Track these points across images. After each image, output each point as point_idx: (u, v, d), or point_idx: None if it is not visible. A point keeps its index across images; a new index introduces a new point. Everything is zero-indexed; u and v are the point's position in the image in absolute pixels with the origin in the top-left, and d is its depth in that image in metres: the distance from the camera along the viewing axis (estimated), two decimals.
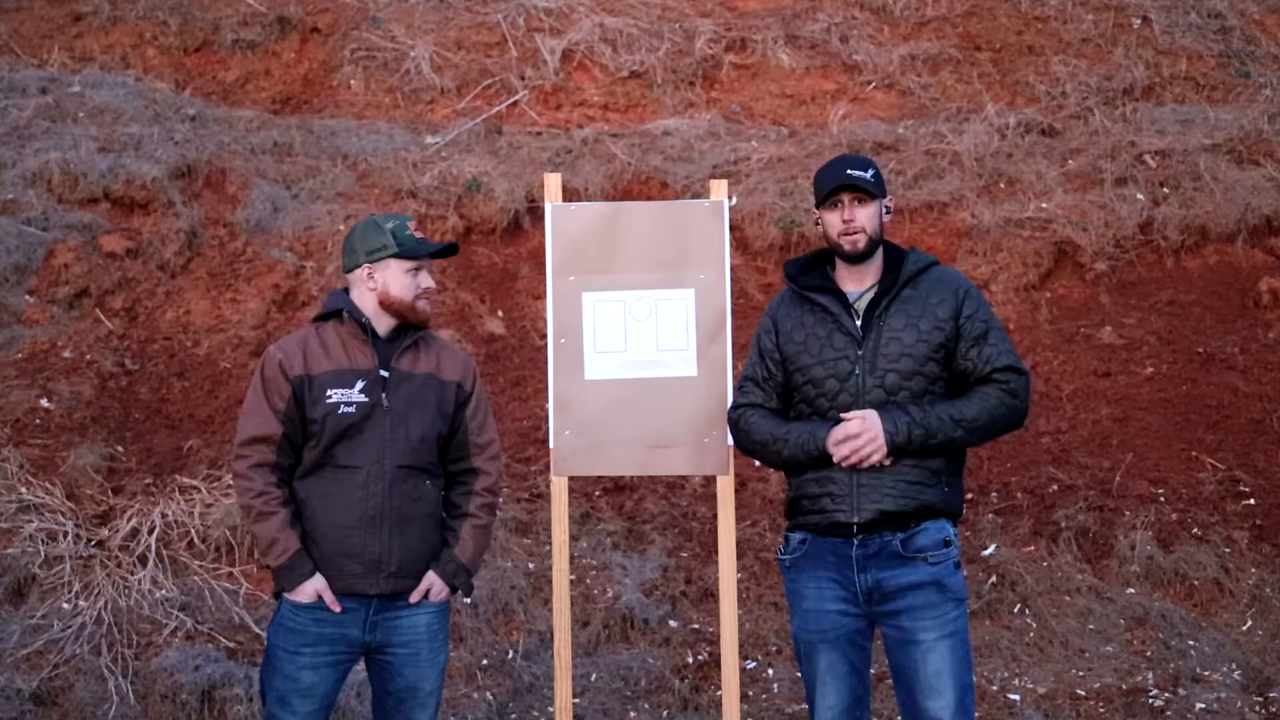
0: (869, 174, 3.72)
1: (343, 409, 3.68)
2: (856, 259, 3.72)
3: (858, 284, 3.76)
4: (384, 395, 3.73)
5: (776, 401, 3.81)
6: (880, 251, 3.78)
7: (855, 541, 3.62)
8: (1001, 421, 3.65)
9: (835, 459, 3.59)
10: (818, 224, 3.81)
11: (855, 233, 3.69)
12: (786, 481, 3.84)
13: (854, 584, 3.62)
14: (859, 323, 3.69)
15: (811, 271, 3.84)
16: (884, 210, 3.78)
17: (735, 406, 3.89)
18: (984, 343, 3.65)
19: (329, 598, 3.66)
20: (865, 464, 3.57)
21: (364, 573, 3.68)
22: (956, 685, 3.54)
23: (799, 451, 3.67)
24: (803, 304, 3.79)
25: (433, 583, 3.78)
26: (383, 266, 3.78)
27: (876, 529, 3.60)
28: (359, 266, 3.81)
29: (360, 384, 3.71)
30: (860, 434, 3.56)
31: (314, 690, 3.69)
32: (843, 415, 3.61)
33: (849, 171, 3.70)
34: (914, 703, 3.57)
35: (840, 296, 3.74)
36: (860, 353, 3.66)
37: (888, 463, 3.58)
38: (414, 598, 3.76)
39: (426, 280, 3.83)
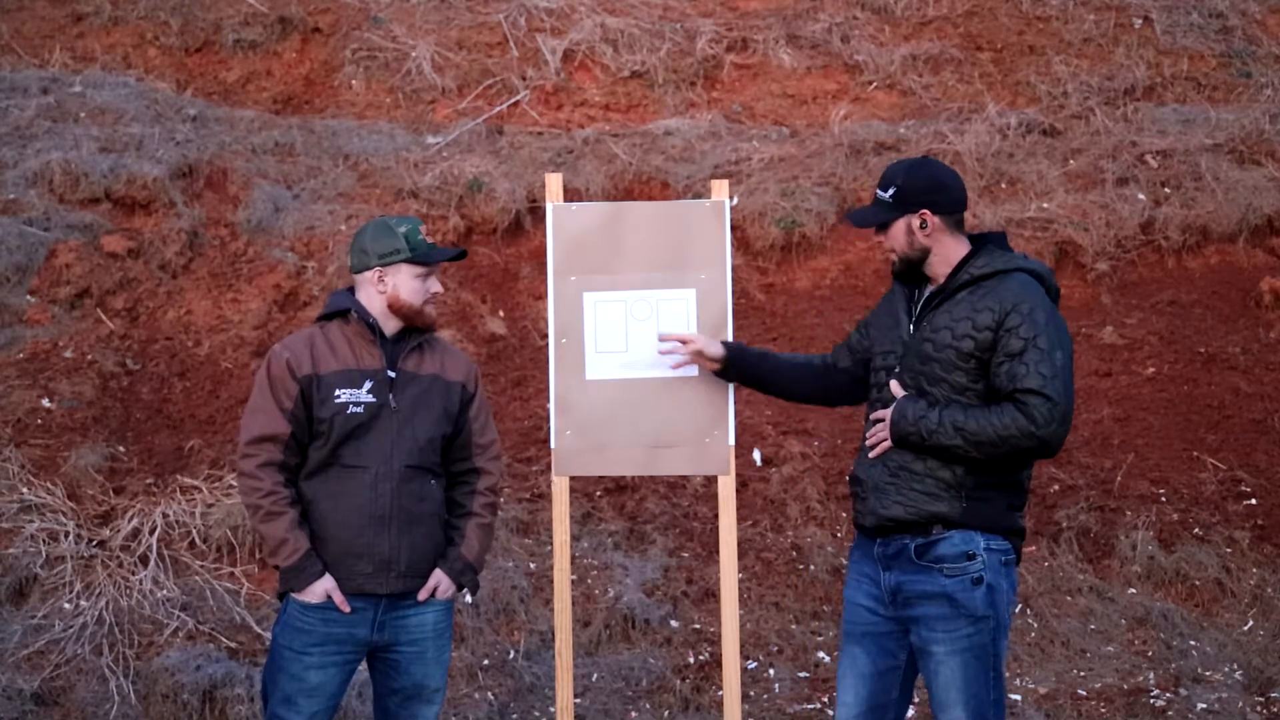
0: (888, 193, 3.62)
1: (351, 409, 3.68)
2: (903, 273, 3.70)
3: (935, 281, 3.69)
4: (391, 396, 3.73)
5: (848, 358, 3.88)
6: (962, 248, 3.64)
7: (877, 541, 3.63)
8: (1011, 443, 3.41)
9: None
10: None
11: (886, 254, 3.70)
12: None
13: (880, 583, 3.62)
14: (913, 319, 3.67)
15: None
16: (916, 225, 3.60)
17: None
18: (1017, 360, 3.43)
19: (338, 598, 3.67)
20: (877, 451, 3.60)
21: (374, 572, 3.69)
22: (969, 701, 3.48)
23: None
24: (894, 291, 3.83)
25: (440, 580, 3.79)
26: (394, 270, 3.78)
27: (893, 531, 3.57)
28: (369, 269, 3.79)
29: (368, 384, 3.71)
30: (886, 419, 3.59)
31: (320, 690, 3.69)
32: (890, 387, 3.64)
33: (860, 206, 3.69)
34: (933, 710, 3.59)
35: (910, 291, 3.72)
36: (902, 350, 3.65)
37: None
38: (422, 595, 3.77)
39: (435, 285, 3.84)
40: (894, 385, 3.60)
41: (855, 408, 4.03)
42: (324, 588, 3.66)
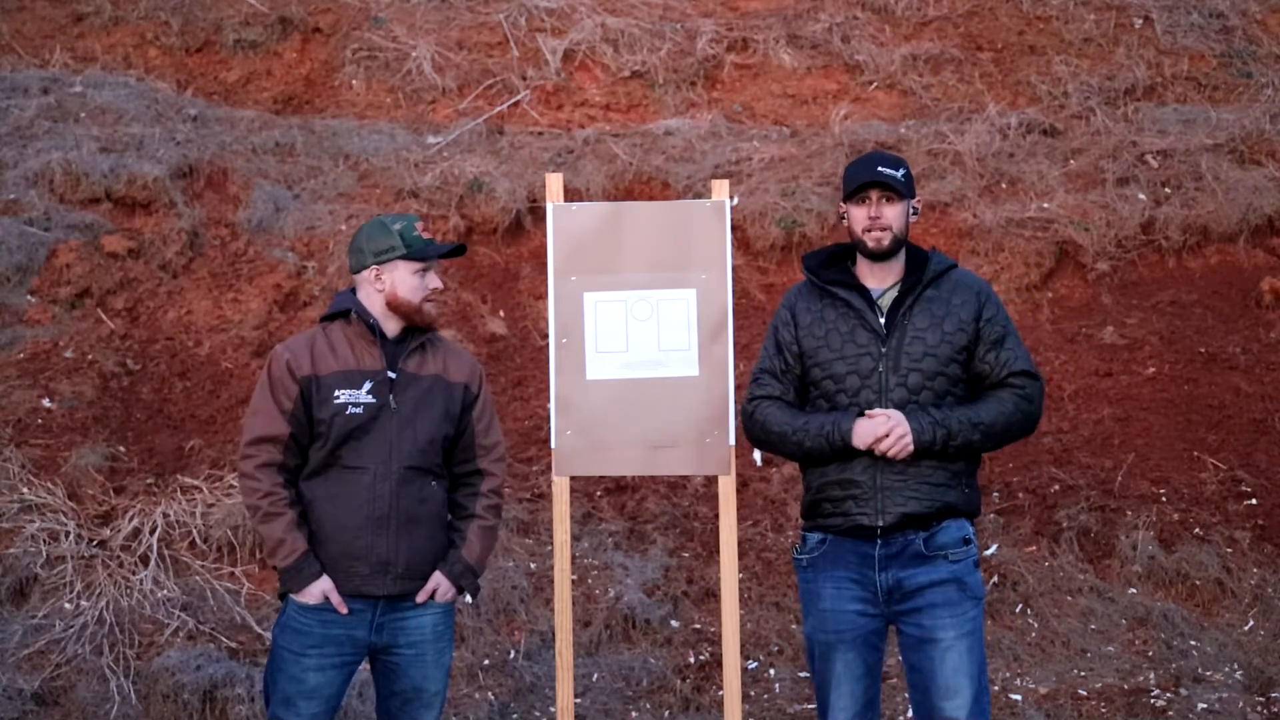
0: (900, 173, 3.71)
1: (350, 410, 3.67)
2: (879, 257, 3.70)
3: (879, 281, 3.74)
4: (391, 397, 3.72)
5: (793, 395, 3.79)
6: (903, 251, 3.76)
7: (878, 542, 3.62)
8: (1016, 427, 3.67)
9: (865, 448, 3.58)
10: (843, 218, 3.80)
11: (881, 230, 3.67)
12: (804, 483, 3.82)
13: (874, 584, 3.62)
14: (883, 320, 3.68)
15: (831, 266, 3.81)
16: (911, 210, 3.77)
17: (752, 398, 3.85)
18: (1001, 347, 3.67)
19: (336, 599, 3.66)
20: (894, 456, 3.55)
21: (371, 574, 3.68)
22: (973, 685, 3.53)
23: (822, 442, 3.63)
24: (823, 298, 3.76)
25: (439, 583, 3.78)
26: (390, 268, 3.77)
27: (900, 529, 3.60)
28: (366, 268, 3.79)
29: (368, 385, 3.70)
30: (889, 434, 3.53)
31: (319, 691, 3.69)
32: (867, 411, 3.59)
33: (880, 169, 3.69)
34: (929, 703, 3.56)
35: (864, 293, 3.72)
36: (884, 350, 3.64)
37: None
38: (420, 598, 3.76)
39: (434, 281, 3.82)
40: (871, 415, 3.59)
41: None
42: (321, 589, 3.65)
